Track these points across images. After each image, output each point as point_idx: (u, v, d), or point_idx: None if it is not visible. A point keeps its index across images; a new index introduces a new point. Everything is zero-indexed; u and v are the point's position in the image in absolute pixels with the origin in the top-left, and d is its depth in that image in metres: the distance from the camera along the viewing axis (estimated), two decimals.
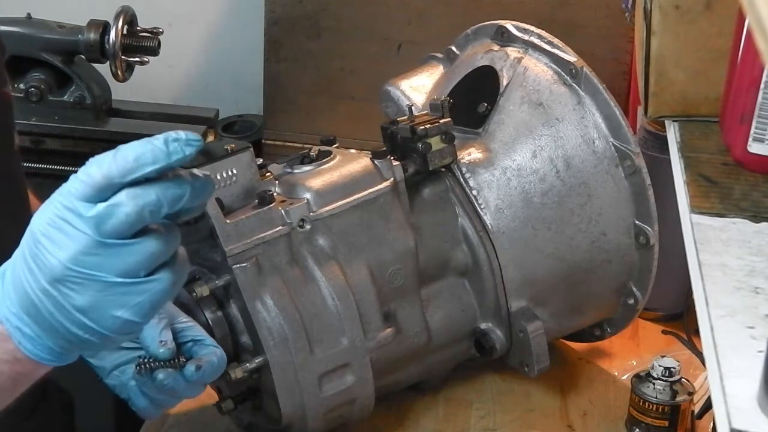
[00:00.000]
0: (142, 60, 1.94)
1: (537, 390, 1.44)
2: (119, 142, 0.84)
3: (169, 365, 1.06)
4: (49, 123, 1.96)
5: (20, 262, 0.86)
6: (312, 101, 2.03)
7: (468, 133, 1.38)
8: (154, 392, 1.08)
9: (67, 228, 0.83)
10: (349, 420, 1.29)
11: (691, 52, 1.19)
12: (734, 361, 0.79)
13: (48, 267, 0.83)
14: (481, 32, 1.48)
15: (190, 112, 2.14)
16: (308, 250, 1.23)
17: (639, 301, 1.39)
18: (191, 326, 1.10)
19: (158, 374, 1.06)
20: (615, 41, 1.89)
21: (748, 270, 0.91)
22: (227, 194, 1.21)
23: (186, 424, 1.35)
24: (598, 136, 1.34)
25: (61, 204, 0.83)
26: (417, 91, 1.50)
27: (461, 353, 1.38)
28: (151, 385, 1.07)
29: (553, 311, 1.37)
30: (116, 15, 1.90)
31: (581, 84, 1.35)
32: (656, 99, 1.22)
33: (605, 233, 1.35)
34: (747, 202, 1.02)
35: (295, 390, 1.21)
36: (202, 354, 1.07)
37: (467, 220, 1.33)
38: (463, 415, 1.39)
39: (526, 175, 1.34)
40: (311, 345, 1.21)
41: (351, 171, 1.28)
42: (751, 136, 1.05)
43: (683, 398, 1.33)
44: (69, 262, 0.83)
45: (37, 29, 1.95)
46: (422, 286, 1.32)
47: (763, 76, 1.02)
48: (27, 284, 0.85)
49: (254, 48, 2.11)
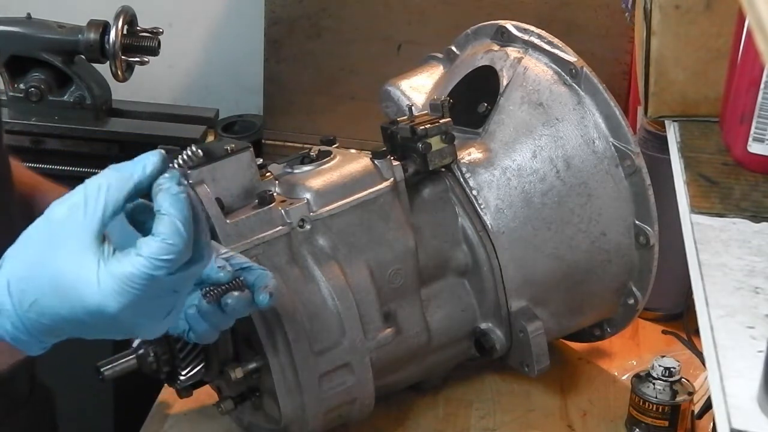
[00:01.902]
0: (142, 60, 1.93)
1: (537, 390, 1.44)
2: (119, 142, 0.85)
3: (233, 287, 1.06)
4: (49, 123, 1.95)
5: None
6: (312, 101, 2.03)
7: (468, 133, 1.38)
8: (219, 317, 1.07)
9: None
10: (349, 420, 1.29)
11: (691, 52, 1.19)
12: (734, 361, 0.79)
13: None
14: (481, 32, 1.48)
15: (190, 112, 2.13)
16: (308, 250, 1.24)
17: (639, 301, 1.39)
18: (234, 255, 1.10)
19: (227, 299, 1.06)
20: (615, 41, 1.89)
21: (748, 270, 0.91)
22: (227, 194, 1.21)
23: (186, 424, 1.35)
24: (598, 136, 1.34)
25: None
26: (417, 91, 1.50)
27: (461, 353, 1.38)
28: (218, 311, 1.06)
29: (553, 311, 1.37)
30: (116, 15, 1.90)
31: (581, 84, 1.35)
32: (656, 99, 1.22)
33: (605, 233, 1.35)
34: (747, 202, 1.02)
35: (295, 390, 1.21)
36: (254, 279, 1.07)
37: (467, 220, 1.33)
38: (463, 415, 1.39)
39: (526, 175, 1.34)
40: (311, 345, 1.21)
41: (351, 171, 1.28)
42: (751, 136, 1.05)
43: (683, 398, 1.33)
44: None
45: (37, 29, 1.95)
46: (422, 286, 1.32)
47: (763, 76, 1.02)
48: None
49: (254, 48, 2.10)
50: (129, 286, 0.87)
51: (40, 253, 0.89)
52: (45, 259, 0.89)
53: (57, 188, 1.20)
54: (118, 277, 0.87)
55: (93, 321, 0.89)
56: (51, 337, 0.92)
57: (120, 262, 0.88)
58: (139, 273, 0.87)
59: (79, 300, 0.88)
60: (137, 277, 0.87)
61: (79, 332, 0.91)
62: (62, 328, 0.90)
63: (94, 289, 0.87)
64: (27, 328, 0.90)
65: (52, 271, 0.88)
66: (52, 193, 1.18)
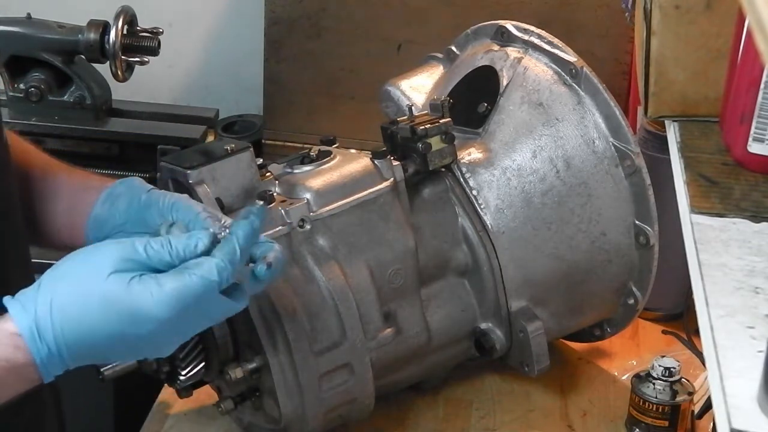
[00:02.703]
0: (142, 60, 1.93)
1: (537, 390, 1.44)
2: (119, 142, 0.86)
3: None
4: (49, 123, 1.95)
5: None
6: (312, 101, 2.03)
7: (468, 133, 1.38)
8: None
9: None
10: (349, 420, 1.29)
11: (691, 52, 1.19)
12: (734, 361, 0.79)
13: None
14: (481, 32, 1.48)
15: (190, 112, 2.13)
16: (308, 250, 1.24)
17: (639, 301, 1.39)
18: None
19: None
20: (615, 41, 1.89)
21: (748, 270, 0.91)
22: (227, 194, 1.21)
23: (186, 424, 1.35)
24: (598, 136, 1.34)
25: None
26: (417, 91, 1.50)
27: (461, 353, 1.38)
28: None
29: (553, 311, 1.37)
30: (116, 15, 1.90)
31: (581, 84, 1.35)
32: (656, 99, 1.22)
33: (605, 233, 1.35)
34: (747, 202, 1.02)
35: (295, 390, 1.21)
36: (261, 252, 1.05)
37: (467, 220, 1.33)
38: (463, 415, 1.39)
39: (526, 175, 1.34)
40: (311, 345, 1.21)
41: (351, 171, 1.28)
42: (751, 136, 1.05)
43: (683, 398, 1.33)
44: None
45: (37, 29, 1.95)
46: (422, 286, 1.32)
47: (763, 76, 1.02)
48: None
49: (254, 48, 2.10)
50: (181, 298, 0.93)
51: (87, 272, 0.94)
52: (94, 283, 0.93)
53: (70, 169, 1.21)
54: (170, 290, 0.93)
55: (135, 332, 0.93)
56: (80, 360, 0.95)
57: (173, 278, 0.94)
58: (192, 290, 0.94)
59: (130, 312, 0.93)
60: (190, 292, 0.94)
61: (113, 350, 0.96)
62: (98, 346, 0.94)
63: (147, 298, 0.93)
64: (60, 351, 0.93)
65: (104, 292, 0.93)
66: (64, 173, 1.20)
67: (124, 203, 1.12)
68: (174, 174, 1.22)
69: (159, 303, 0.93)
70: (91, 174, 1.22)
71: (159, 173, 1.26)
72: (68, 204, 1.17)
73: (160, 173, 1.25)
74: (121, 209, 1.12)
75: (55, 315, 0.93)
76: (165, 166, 1.23)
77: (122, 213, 1.11)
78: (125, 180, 1.15)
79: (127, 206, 1.11)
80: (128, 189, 1.13)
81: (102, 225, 1.13)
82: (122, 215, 1.11)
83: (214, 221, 1.05)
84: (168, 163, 1.23)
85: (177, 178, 1.21)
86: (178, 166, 1.21)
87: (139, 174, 1.89)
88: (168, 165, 1.23)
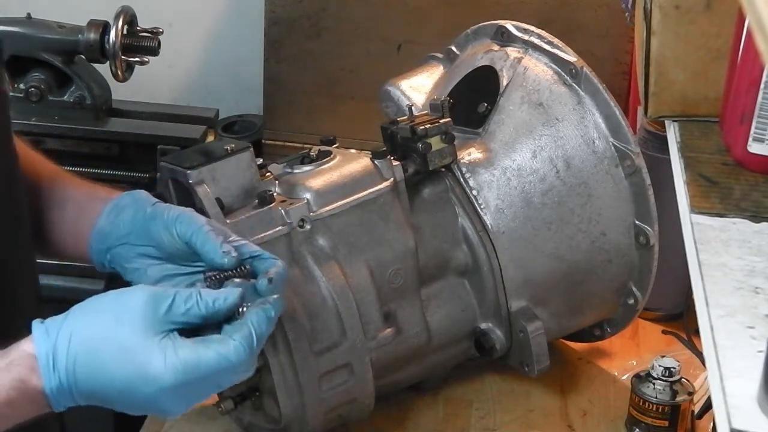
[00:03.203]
0: (142, 60, 1.93)
1: (537, 390, 1.44)
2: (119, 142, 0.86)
3: (238, 274, 1.04)
4: (49, 123, 1.95)
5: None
6: (312, 101, 2.03)
7: (468, 133, 1.38)
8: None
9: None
10: (349, 420, 1.29)
11: (691, 52, 1.19)
12: (734, 361, 0.79)
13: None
14: (481, 32, 1.48)
15: (190, 112, 2.13)
16: (308, 250, 1.24)
17: (639, 301, 1.39)
18: (246, 243, 1.09)
19: (228, 285, 1.04)
20: (615, 41, 1.89)
21: (748, 270, 0.91)
22: (227, 194, 1.21)
23: (186, 424, 1.35)
24: (598, 136, 1.34)
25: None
26: (417, 91, 1.50)
27: (461, 353, 1.38)
28: None
29: (553, 311, 1.37)
30: (116, 15, 1.90)
31: (581, 84, 1.35)
32: (656, 99, 1.22)
33: (605, 233, 1.35)
34: (747, 202, 1.02)
35: (295, 390, 1.21)
36: (264, 267, 1.05)
37: (467, 220, 1.33)
38: (463, 415, 1.39)
39: (526, 175, 1.34)
40: (311, 345, 1.21)
41: (351, 171, 1.28)
42: (751, 136, 1.05)
43: (683, 398, 1.33)
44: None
45: (37, 29, 1.95)
46: (422, 286, 1.32)
47: (763, 76, 1.02)
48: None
49: (254, 48, 2.10)
50: (190, 369, 0.94)
51: (114, 314, 0.96)
52: (116, 329, 0.95)
53: (77, 180, 1.21)
54: (183, 359, 0.94)
55: (142, 390, 0.94)
56: (88, 398, 0.97)
57: (189, 348, 0.95)
58: (205, 364, 0.95)
59: (140, 369, 0.94)
60: (202, 365, 0.95)
61: (120, 400, 0.97)
62: (105, 390, 0.95)
63: (159, 361, 0.94)
64: (70, 384, 0.94)
65: (122, 341, 0.94)
66: (72, 184, 1.21)
67: (129, 215, 1.12)
68: (174, 174, 1.22)
69: (168, 369, 0.94)
70: (98, 185, 1.22)
71: (159, 173, 1.26)
72: (74, 214, 1.17)
73: (160, 173, 1.25)
74: (126, 220, 1.12)
75: (72, 347, 0.94)
76: (165, 166, 1.23)
77: (127, 224, 1.12)
78: (131, 192, 1.15)
79: (132, 218, 1.11)
80: (134, 201, 1.13)
81: (106, 236, 1.13)
82: (127, 226, 1.11)
83: (217, 235, 1.05)
84: (168, 163, 1.23)
85: (177, 178, 1.21)
86: (178, 166, 1.21)
87: (139, 174, 1.90)
88: (168, 165, 1.23)
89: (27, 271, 1.16)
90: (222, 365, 0.95)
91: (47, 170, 1.22)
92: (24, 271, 1.15)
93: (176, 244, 1.08)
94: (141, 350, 0.94)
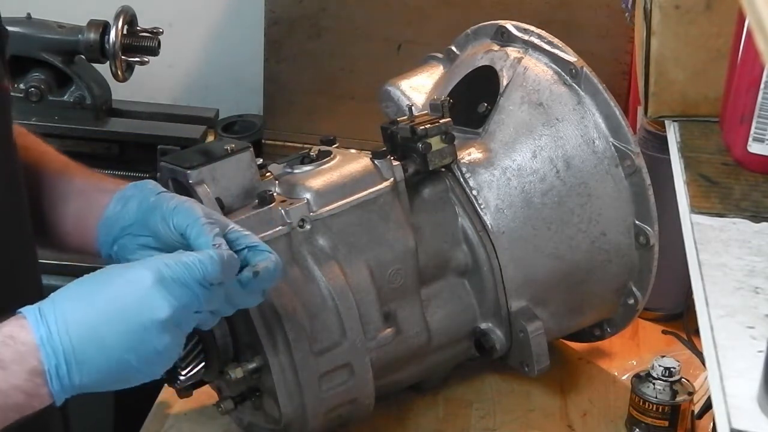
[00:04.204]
0: (142, 60, 1.93)
1: (537, 390, 1.44)
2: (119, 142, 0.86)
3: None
4: (49, 123, 1.95)
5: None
6: (312, 101, 2.03)
7: (468, 133, 1.38)
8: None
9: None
10: (349, 420, 1.29)
11: (691, 52, 1.19)
12: (734, 361, 0.79)
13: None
14: (481, 32, 1.48)
15: (190, 112, 2.13)
16: (308, 250, 1.24)
17: (639, 301, 1.39)
18: (245, 234, 1.08)
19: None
20: (615, 41, 1.89)
21: (748, 270, 0.91)
22: (227, 194, 1.21)
23: (186, 424, 1.35)
24: (598, 136, 1.34)
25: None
26: (417, 91, 1.50)
27: (461, 353, 1.38)
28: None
29: (553, 311, 1.37)
30: (116, 15, 1.90)
31: (581, 84, 1.35)
32: (656, 99, 1.22)
33: (605, 233, 1.35)
34: (747, 202, 1.02)
35: (295, 390, 1.21)
36: (257, 260, 1.05)
37: (467, 220, 1.33)
38: (463, 415, 1.39)
39: (526, 175, 1.34)
40: (311, 345, 1.21)
41: (351, 171, 1.28)
42: (751, 136, 1.05)
43: (683, 398, 1.33)
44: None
45: (37, 29, 1.95)
46: (422, 286, 1.32)
47: (763, 76, 1.02)
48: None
49: (254, 48, 2.10)
50: (172, 266, 0.97)
51: (99, 274, 0.98)
52: (103, 274, 0.98)
53: (87, 173, 1.22)
54: (162, 260, 0.98)
55: (129, 303, 0.96)
56: (80, 341, 0.95)
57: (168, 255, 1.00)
58: (184, 263, 0.98)
59: (125, 270, 0.97)
60: (182, 263, 0.98)
61: (108, 332, 0.96)
62: (94, 325, 0.95)
63: (140, 264, 0.98)
64: (59, 327, 0.94)
65: (108, 275, 0.98)
66: (79, 175, 1.21)
67: (134, 205, 1.12)
68: (174, 174, 1.22)
69: (150, 266, 0.97)
70: (107, 177, 1.22)
71: (159, 173, 1.26)
72: (80, 205, 1.17)
73: (160, 173, 1.25)
74: (131, 211, 1.12)
75: (58, 297, 0.96)
76: (165, 166, 1.23)
77: (131, 215, 1.12)
78: (138, 182, 1.15)
79: (136, 208, 1.12)
80: (139, 191, 1.13)
81: (112, 226, 1.13)
82: (131, 217, 1.12)
83: (212, 227, 1.05)
84: (168, 163, 1.23)
85: (177, 178, 1.21)
86: (178, 166, 1.21)
87: (139, 174, 1.90)
88: (168, 165, 1.23)
89: (29, 269, 1.16)
90: (202, 264, 0.98)
91: (56, 163, 1.22)
92: (26, 269, 1.15)
93: (172, 235, 1.08)
94: (125, 269, 0.98)
